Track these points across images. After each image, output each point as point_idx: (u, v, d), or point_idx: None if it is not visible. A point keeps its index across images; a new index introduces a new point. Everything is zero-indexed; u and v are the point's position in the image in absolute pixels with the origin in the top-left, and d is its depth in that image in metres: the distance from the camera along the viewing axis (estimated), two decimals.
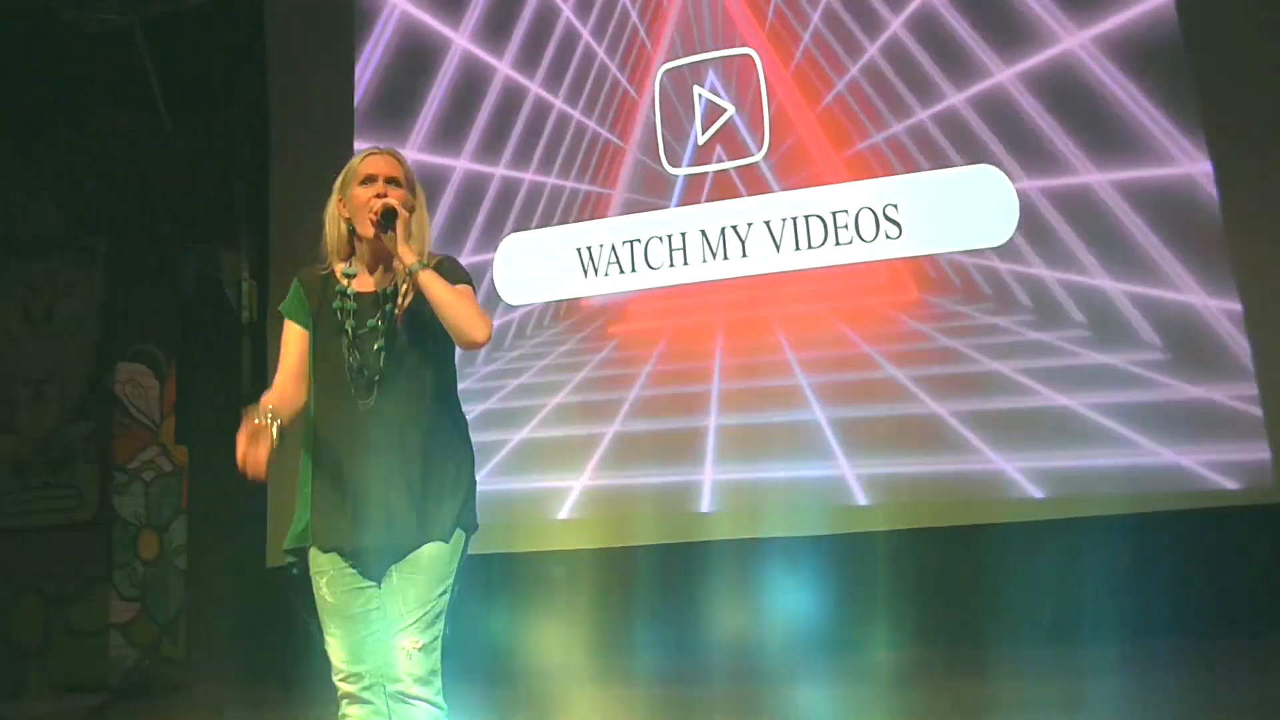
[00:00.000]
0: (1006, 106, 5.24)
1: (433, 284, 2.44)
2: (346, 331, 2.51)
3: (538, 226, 6.00)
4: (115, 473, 7.32)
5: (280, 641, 6.52)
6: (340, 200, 2.59)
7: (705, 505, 5.47)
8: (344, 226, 2.59)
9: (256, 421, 2.32)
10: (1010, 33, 5.26)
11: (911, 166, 5.34)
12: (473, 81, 6.23)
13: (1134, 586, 4.96)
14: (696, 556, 5.81)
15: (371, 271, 2.59)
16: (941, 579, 5.58)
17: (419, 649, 2.41)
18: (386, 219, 2.48)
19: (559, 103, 6.01)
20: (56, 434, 7.55)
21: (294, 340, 2.60)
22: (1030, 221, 5.16)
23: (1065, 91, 5.19)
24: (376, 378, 2.48)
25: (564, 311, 5.92)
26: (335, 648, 2.51)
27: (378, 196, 2.52)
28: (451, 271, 2.55)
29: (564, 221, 5.95)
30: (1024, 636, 5.21)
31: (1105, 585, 4.95)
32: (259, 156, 6.90)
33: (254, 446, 2.31)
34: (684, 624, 5.99)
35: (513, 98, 6.13)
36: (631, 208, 5.81)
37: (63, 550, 7.32)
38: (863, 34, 5.51)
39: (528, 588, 6.16)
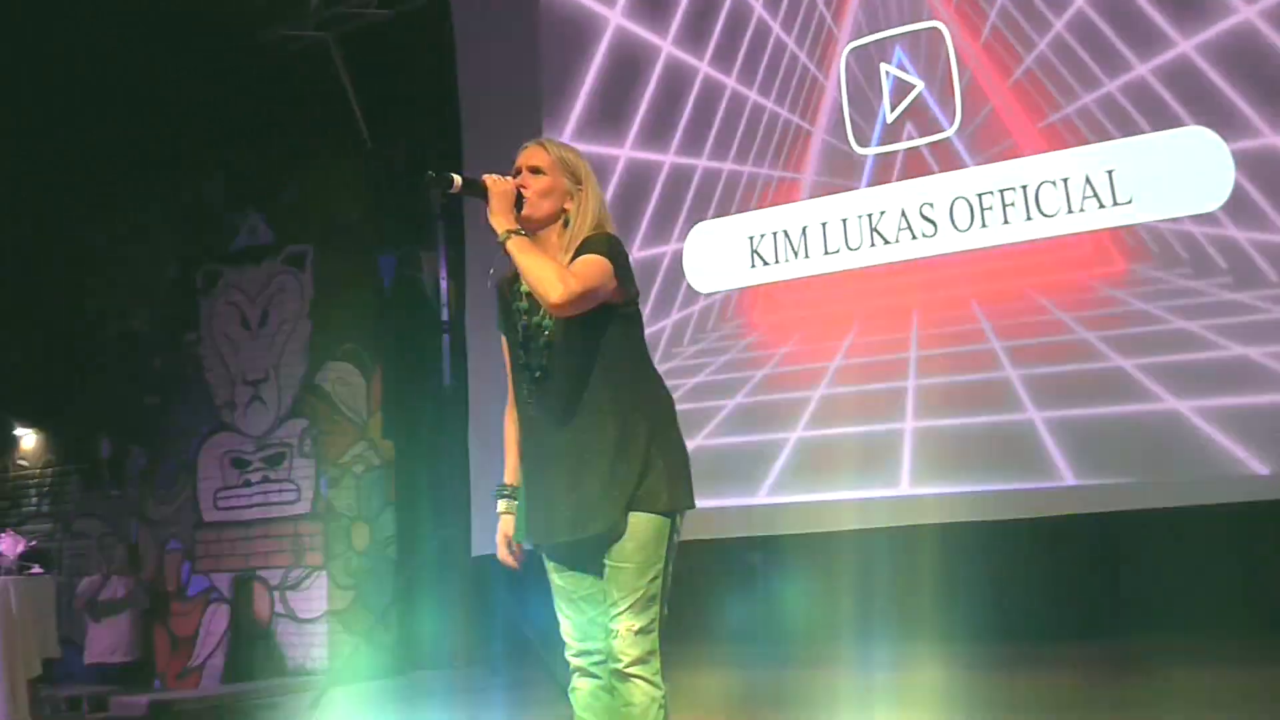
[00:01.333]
0: (1230, 60, 4.87)
1: (516, 251, 2.43)
2: (518, 331, 2.56)
3: (717, 214, 5.98)
4: (328, 467, 7.69)
5: (488, 628, 6.73)
6: None
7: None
8: None
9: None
10: None
11: (1115, 133, 5.09)
12: (666, 79, 6.23)
13: None
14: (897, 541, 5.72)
15: None
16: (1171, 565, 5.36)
17: (634, 632, 2.42)
18: (435, 180, 2.50)
19: (735, 84, 5.98)
20: (274, 432, 7.98)
21: (506, 351, 2.68)
22: (1259, 183, 4.79)
23: None
24: (538, 374, 2.50)
25: (749, 300, 5.89)
26: (566, 626, 2.59)
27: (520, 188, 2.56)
28: (586, 245, 2.51)
29: (747, 208, 5.91)
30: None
31: None
32: (452, 159, 7.10)
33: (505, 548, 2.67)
34: (893, 610, 5.91)
35: (705, 89, 6.10)
36: (821, 190, 5.73)
37: (284, 541, 7.74)
38: None
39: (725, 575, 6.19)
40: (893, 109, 5.61)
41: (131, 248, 9.06)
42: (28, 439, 9.59)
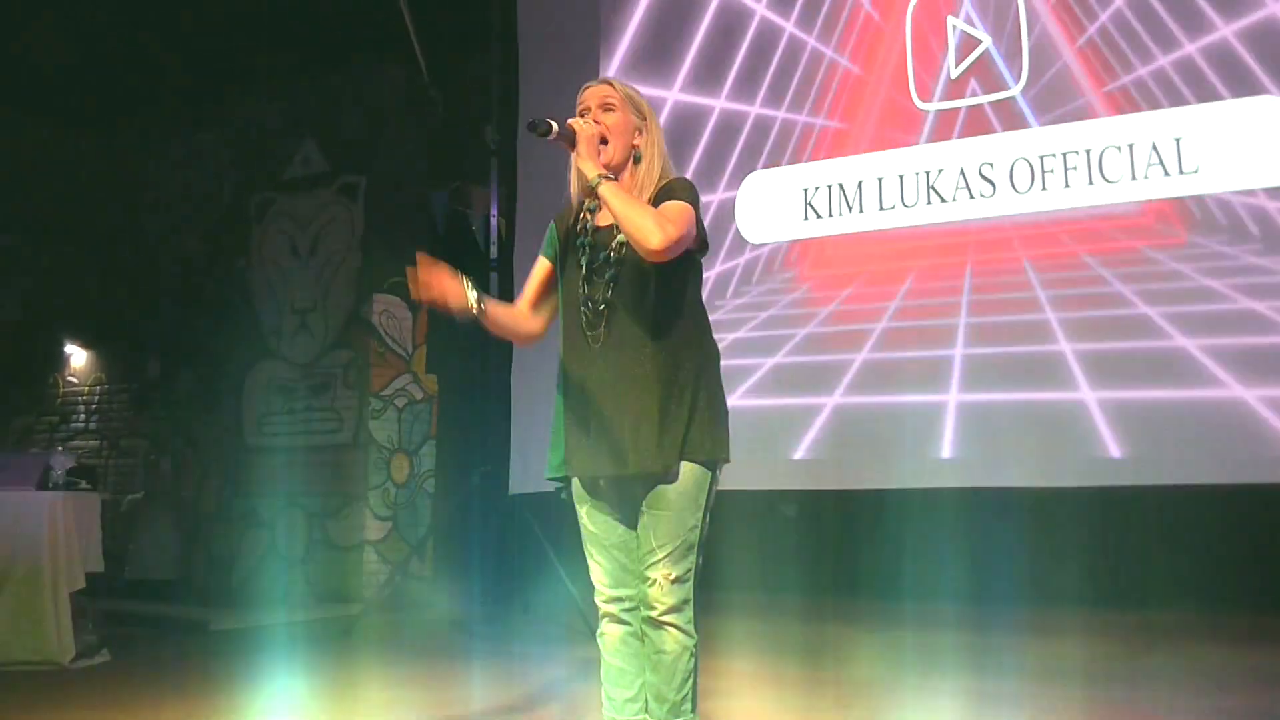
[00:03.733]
0: None
1: (611, 196, 2.42)
2: (581, 266, 2.55)
3: (769, 163, 5.92)
4: (371, 399, 7.75)
5: (521, 566, 6.79)
6: None
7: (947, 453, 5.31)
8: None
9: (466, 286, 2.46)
10: None
11: (1182, 101, 4.96)
12: (722, 20, 6.16)
13: None
14: (936, 502, 5.69)
15: None
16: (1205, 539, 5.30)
17: (671, 580, 2.42)
18: (533, 126, 2.47)
19: (813, 41, 5.89)
20: (319, 361, 8.04)
21: (537, 269, 2.70)
22: None
23: None
24: (602, 308, 2.50)
25: (805, 251, 5.83)
26: (598, 572, 2.58)
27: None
28: (671, 190, 2.51)
29: (813, 158, 5.84)
30: None
31: None
32: (508, 98, 7.07)
33: (441, 279, 2.44)
34: (921, 570, 5.90)
35: (767, 36, 6.02)
36: (881, 144, 5.65)
37: (324, 470, 7.82)
38: None
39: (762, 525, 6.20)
40: (957, 64, 5.50)
41: (189, 172, 9.12)
42: (78, 357, 9.74)
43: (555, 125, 2.49)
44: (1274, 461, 4.58)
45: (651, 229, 2.34)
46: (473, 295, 2.45)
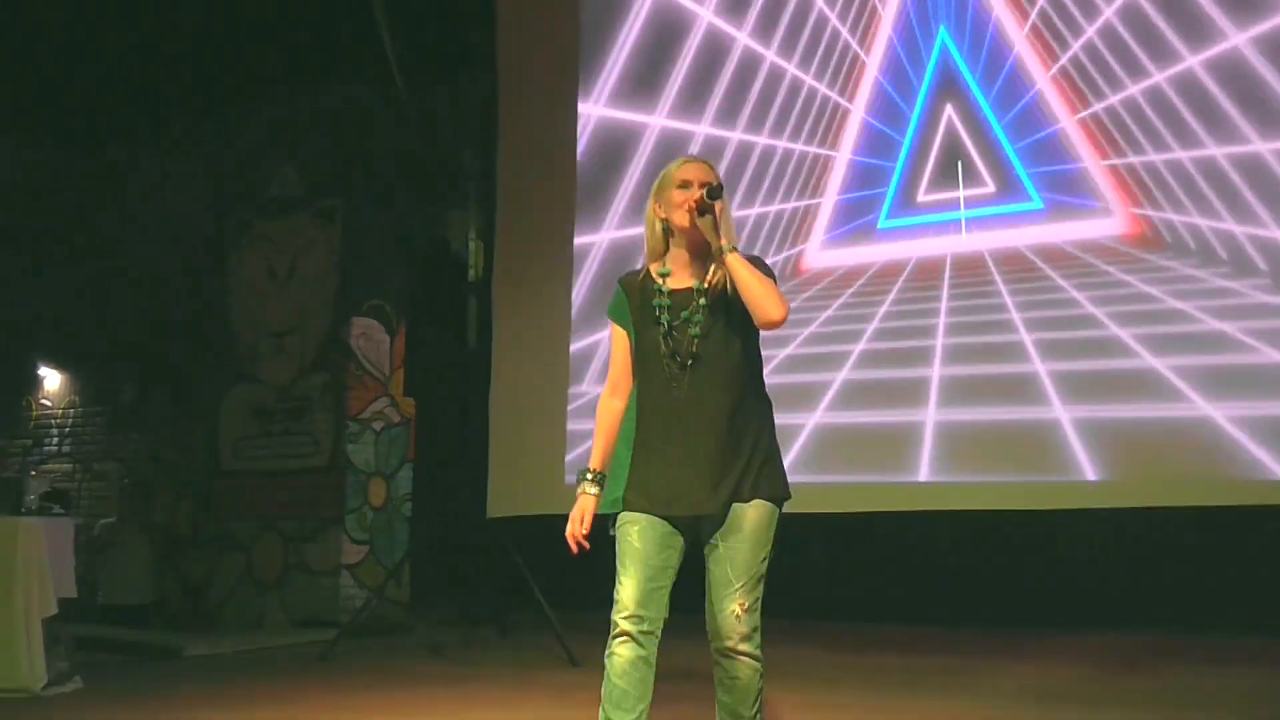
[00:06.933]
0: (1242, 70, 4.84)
1: (739, 265, 2.64)
2: (662, 323, 2.72)
3: (749, 188, 5.95)
4: (348, 422, 7.72)
5: (498, 590, 6.77)
6: (656, 204, 2.81)
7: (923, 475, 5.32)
8: (659, 227, 2.80)
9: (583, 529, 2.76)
10: None
11: (1154, 130, 5.03)
12: (706, 49, 6.17)
13: None
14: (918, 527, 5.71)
15: (685, 268, 2.78)
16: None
17: (745, 610, 2.58)
18: (706, 203, 2.67)
19: (793, 69, 5.92)
20: (296, 384, 8.00)
21: (619, 341, 2.88)
22: (1266, 186, 4.76)
23: None
24: (690, 362, 2.69)
25: (782, 275, 5.86)
26: (627, 588, 2.61)
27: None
28: (759, 264, 2.73)
29: (780, 184, 5.88)
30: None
31: None
32: (488, 123, 7.09)
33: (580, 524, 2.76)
34: (903, 593, 5.91)
35: (749, 65, 6.05)
36: (859, 170, 5.69)
37: (300, 493, 7.78)
38: None
39: None
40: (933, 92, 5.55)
41: (166, 194, 9.09)
42: (51, 379, 9.67)
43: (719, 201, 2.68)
44: (1249, 482, 4.62)
45: (777, 303, 2.63)
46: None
